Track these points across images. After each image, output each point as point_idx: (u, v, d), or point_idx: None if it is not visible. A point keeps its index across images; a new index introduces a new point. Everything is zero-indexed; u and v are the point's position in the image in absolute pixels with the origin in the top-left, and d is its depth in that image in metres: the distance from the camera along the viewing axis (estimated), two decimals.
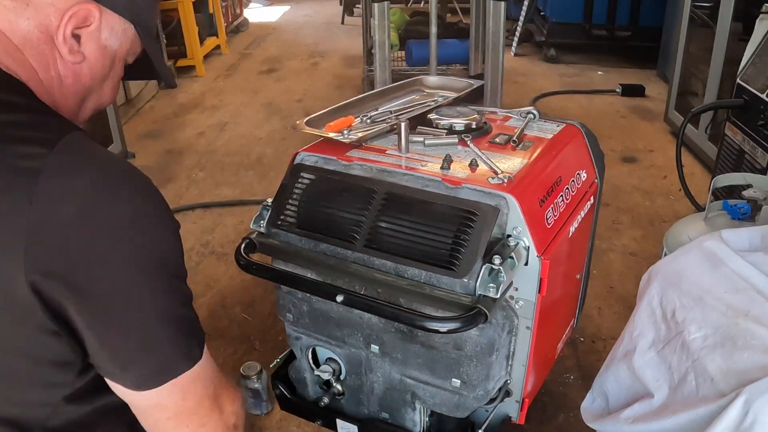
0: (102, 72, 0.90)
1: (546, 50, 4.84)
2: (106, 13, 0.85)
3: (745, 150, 2.18)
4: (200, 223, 2.72)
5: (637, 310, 1.21)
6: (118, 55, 0.90)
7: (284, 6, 7.25)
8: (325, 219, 1.26)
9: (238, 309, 2.13)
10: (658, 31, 4.25)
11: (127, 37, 0.89)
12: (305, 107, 4.01)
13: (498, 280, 1.10)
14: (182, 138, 3.62)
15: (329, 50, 5.39)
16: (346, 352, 1.35)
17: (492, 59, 3.03)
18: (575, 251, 1.47)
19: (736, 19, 2.71)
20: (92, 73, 0.89)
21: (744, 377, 0.93)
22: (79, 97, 0.90)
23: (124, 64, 0.94)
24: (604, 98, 4.04)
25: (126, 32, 0.89)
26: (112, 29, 0.87)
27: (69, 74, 0.86)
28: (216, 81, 4.68)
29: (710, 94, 2.90)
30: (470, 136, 1.39)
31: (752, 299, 1.04)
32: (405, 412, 1.34)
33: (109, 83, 0.94)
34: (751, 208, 1.56)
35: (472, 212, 1.14)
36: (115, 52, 0.90)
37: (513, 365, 1.32)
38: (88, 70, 0.88)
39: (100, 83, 0.92)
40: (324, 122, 1.42)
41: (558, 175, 1.34)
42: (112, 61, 0.91)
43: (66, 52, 0.84)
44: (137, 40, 0.91)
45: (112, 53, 0.89)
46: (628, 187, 2.88)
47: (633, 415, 1.11)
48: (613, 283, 2.21)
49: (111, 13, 0.86)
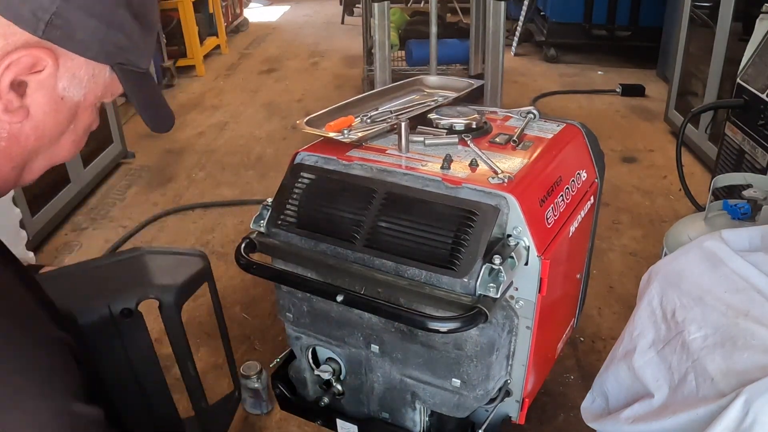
0: (55, 129, 0.72)
1: (546, 50, 4.84)
2: (66, 57, 0.67)
3: (745, 150, 2.18)
4: (200, 223, 2.72)
5: (637, 310, 1.21)
6: (84, 104, 0.73)
7: (284, 6, 7.25)
8: (325, 219, 1.26)
9: (238, 309, 2.13)
10: (658, 31, 4.25)
11: (99, 82, 0.72)
12: (305, 107, 4.01)
13: (498, 280, 1.10)
14: (182, 138, 3.62)
15: (329, 50, 5.39)
16: (346, 352, 1.35)
17: (492, 59, 3.03)
18: (575, 251, 1.46)
19: (736, 19, 2.72)
20: (39, 132, 0.70)
21: (744, 377, 0.93)
22: (16, 163, 0.71)
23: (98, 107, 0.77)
24: (604, 98, 4.04)
25: (97, 77, 0.71)
26: (74, 76, 0.69)
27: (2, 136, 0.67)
28: (216, 81, 4.68)
29: (710, 94, 2.90)
30: (470, 136, 1.39)
31: (752, 299, 1.04)
32: (405, 412, 1.34)
33: (69, 137, 0.75)
34: (751, 208, 1.56)
35: (473, 212, 1.14)
36: (77, 103, 0.71)
37: (513, 365, 1.32)
38: (32, 129, 0.69)
39: (53, 141, 0.73)
40: (324, 122, 1.42)
41: (558, 175, 1.34)
42: (73, 113, 0.72)
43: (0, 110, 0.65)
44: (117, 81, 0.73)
45: (74, 105, 0.71)
46: (628, 187, 2.88)
47: (633, 415, 1.11)
48: (613, 283, 2.21)
49: (74, 57, 0.67)
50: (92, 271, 1.17)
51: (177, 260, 1.21)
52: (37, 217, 2.43)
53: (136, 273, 1.17)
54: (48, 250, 2.49)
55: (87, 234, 2.63)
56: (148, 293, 1.10)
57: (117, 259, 1.19)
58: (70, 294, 1.08)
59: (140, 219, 2.72)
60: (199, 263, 1.20)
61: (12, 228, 2.16)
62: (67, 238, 2.60)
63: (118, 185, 3.06)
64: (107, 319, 1.07)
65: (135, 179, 3.12)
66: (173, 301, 1.12)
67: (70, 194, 2.71)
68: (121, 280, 1.14)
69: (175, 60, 4.57)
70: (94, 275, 1.17)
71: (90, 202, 2.88)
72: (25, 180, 0.76)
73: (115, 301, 1.07)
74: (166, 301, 1.11)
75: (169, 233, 2.63)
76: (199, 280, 1.19)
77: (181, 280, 1.14)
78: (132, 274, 1.16)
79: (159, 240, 2.57)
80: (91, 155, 2.92)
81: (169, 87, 4.43)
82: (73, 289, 1.12)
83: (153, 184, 3.07)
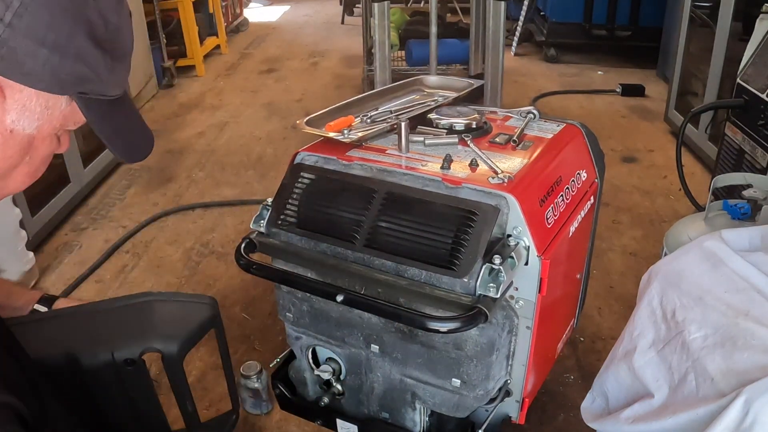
0: (5, 162, 0.67)
1: (546, 50, 4.84)
2: (13, 89, 0.62)
3: (745, 150, 2.18)
4: (200, 222, 2.72)
5: (637, 310, 1.21)
6: (40, 136, 0.68)
7: (284, 6, 7.25)
8: (325, 219, 1.26)
9: (237, 309, 2.13)
10: (658, 31, 4.25)
11: (55, 114, 0.67)
12: (305, 107, 4.01)
13: (498, 280, 1.10)
14: (182, 138, 3.62)
15: (329, 50, 5.39)
16: (346, 352, 1.35)
17: (492, 59, 3.03)
18: (575, 251, 1.46)
19: (736, 19, 2.71)
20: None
21: (744, 377, 0.93)
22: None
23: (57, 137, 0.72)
24: (604, 98, 4.04)
25: (52, 108, 0.66)
26: (24, 108, 0.64)
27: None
28: (216, 81, 4.68)
29: (710, 94, 2.90)
30: (470, 136, 1.39)
31: (752, 299, 1.04)
32: (405, 412, 1.34)
33: (23, 169, 0.70)
34: (751, 208, 1.56)
35: (473, 212, 1.14)
36: (30, 135, 0.67)
37: (513, 365, 1.32)
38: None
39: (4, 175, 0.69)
40: (324, 122, 1.42)
41: (558, 175, 1.34)
42: (26, 146, 0.67)
43: None
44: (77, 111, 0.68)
45: (25, 137, 0.66)
46: (628, 187, 2.88)
47: (633, 415, 1.11)
48: (613, 283, 2.21)
49: (22, 89, 0.63)
50: (101, 314, 1.19)
51: (185, 308, 1.22)
52: (37, 217, 2.43)
53: (142, 321, 1.18)
54: (48, 250, 2.49)
55: (87, 234, 2.63)
56: (151, 345, 1.12)
57: (126, 304, 1.19)
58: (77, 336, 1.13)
59: (140, 219, 2.72)
60: (207, 311, 1.21)
61: (12, 228, 2.16)
62: (67, 238, 2.60)
63: (118, 185, 3.06)
64: (110, 365, 1.09)
65: (135, 179, 3.12)
66: (176, 353, 1.13)
67: (70, 194, 2.71)
68: (127, 328, 1.16)
69: (175, 60, 4.57)
70: (101, 319, 1.18)
71: (90, 202, 2.88)
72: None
73: (118, 350, 1.10)
74: (168, 352, 1.13)
75: (169, 233, 2.63)
76: (205, 329, 1.20)
77: (185, 333, 1.15)
78: (139, 322, 1.17)
79: (159, 240, 2.57)
80: (91, 155, 2.92)
81: (169, 87, 4.44)
82: (80, 331, 1.15)
83: (153, 184, 3.07)
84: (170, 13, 4.50)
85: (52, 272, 2.37)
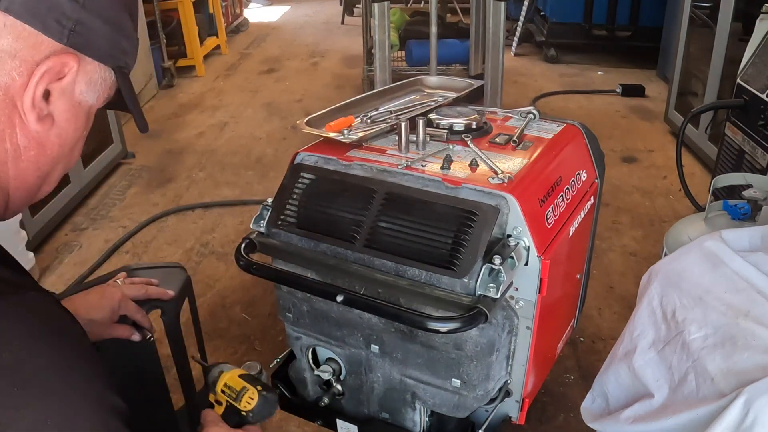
0: (74, 136, 0.72)
1: (546, 50, 4.84)
2: (85, 62, 0.68)
3: (745, 150, 2.18)
4: (200, 223, 2.72)
5: (637, 310, 1.21)
6: (93, 109, 0.73)
7: (284, 6, 7.25)
8: (325, 219, 1.26)
9: (237, 309, 2.13)
10: (658, 31, 4.24)
11: (107, 85, 0.73)
12: (305, 107, 4.01)
13: (498, 280, 1.10)
14: (182, 138, 3.62)
15: (329, 50, 5.39)
16: (346, 352, 1.35)
17: (492, 59, 3.03)
18: (575, 251, 1.46)
19: (736, 19, 2.71)
20: (62, 140, 0.70)
21: (744, 377, 0.93)
22: (42, 172, 0.71)
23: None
24: (604, 98, 4.04)
25: (106, 81, 0.72)
26: (90, 80, 0.70)
27: (32, 145, 0.67)
28: (216, 81, 4.67)
29: (710, 94, 2.90)
30: (470, 136, 1.39)
31: (752, 299, 1.04)
32: (405, 412, 1.34)
33: (80, 145, 0.75)
34: (751, 208, 1.56)
35: (473, 212, 1.14)
36: (90, 107, 0.72)
37: (513, 365, 1.32)
38: (56, 137, 0.69)
39: (72, 148, 0.73)
40: (324, 122, 1.42)
41: (558, 175, 1.34)
42: (88, 117, 0.73)
43: (34, 119, 0.65)
44: (115, 85, 0.74)
45: (87, 109, 0.72)
46: (628, 187, 2.88)
47: (633, 415, 1.11)
48: (613, 283, 2.21)
49: (91, 62, 0.69)
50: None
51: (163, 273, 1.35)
52: (37, 217, 2.43)
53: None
54: (48, 251, 2.49)
55: (87, 234, 2.63)
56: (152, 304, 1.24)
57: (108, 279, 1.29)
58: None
59: (140, 219, 2.72)
60: (183, 273, 1.37)
61: (12, 228, 2.16)
62: (67, 239, 2.60)
63: (118, 185, 3.06)
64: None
65: (135, 179, 3.12)
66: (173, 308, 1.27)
67: (70, 194, 2.71)
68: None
69: (175, 60, 4.57)
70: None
71: (90, 203, 2.88)
72: (43, 191, 0.75)
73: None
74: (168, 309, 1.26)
75: (169, 233, 2.63)
76: (187, 288, 1.35)
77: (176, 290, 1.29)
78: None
79: (159, 240, 2.57)
80: (91, 155, 2.92)
81: (169, 87, 4.43)
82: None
83: (153, 184, 3.07)
84: (170, 13, 4.50)
85: (52, 272, 2.37)
